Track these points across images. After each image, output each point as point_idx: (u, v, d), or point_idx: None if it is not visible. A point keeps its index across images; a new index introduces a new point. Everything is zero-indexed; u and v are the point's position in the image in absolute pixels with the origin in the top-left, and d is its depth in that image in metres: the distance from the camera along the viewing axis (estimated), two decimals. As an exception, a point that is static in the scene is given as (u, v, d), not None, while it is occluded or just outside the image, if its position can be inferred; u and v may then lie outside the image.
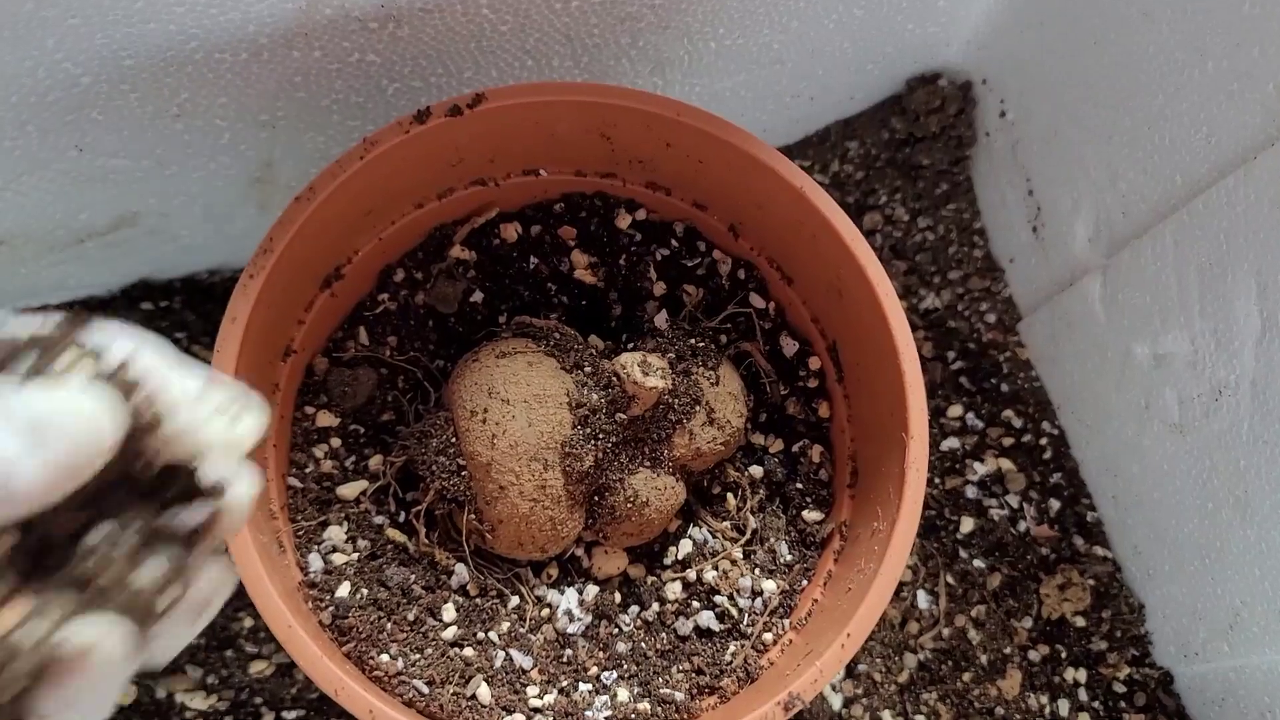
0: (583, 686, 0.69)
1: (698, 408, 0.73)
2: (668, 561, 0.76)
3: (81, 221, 0.85)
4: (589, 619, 0.73)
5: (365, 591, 0.68)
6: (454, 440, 0.69)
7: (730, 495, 0.78)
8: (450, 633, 0.69)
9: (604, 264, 0.80)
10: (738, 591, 0.72)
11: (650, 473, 0.72)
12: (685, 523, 0.78)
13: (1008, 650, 0.94)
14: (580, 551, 0.76)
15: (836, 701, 0.90)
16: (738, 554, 0.75)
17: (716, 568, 0.74)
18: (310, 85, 0.77)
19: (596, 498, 0.71)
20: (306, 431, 0.74)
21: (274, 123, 0.80)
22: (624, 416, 0.70)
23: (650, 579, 0.76)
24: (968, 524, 0.98)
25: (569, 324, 0.77)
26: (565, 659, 0.71)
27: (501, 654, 0.69)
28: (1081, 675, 0.94)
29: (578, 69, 0.86)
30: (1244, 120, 0.75)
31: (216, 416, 0.39)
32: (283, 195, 0.89)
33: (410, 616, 0.68)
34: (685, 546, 0.76)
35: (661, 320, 0.79)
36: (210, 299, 0.97)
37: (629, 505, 0.71)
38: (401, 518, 0.73)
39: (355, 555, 0.70)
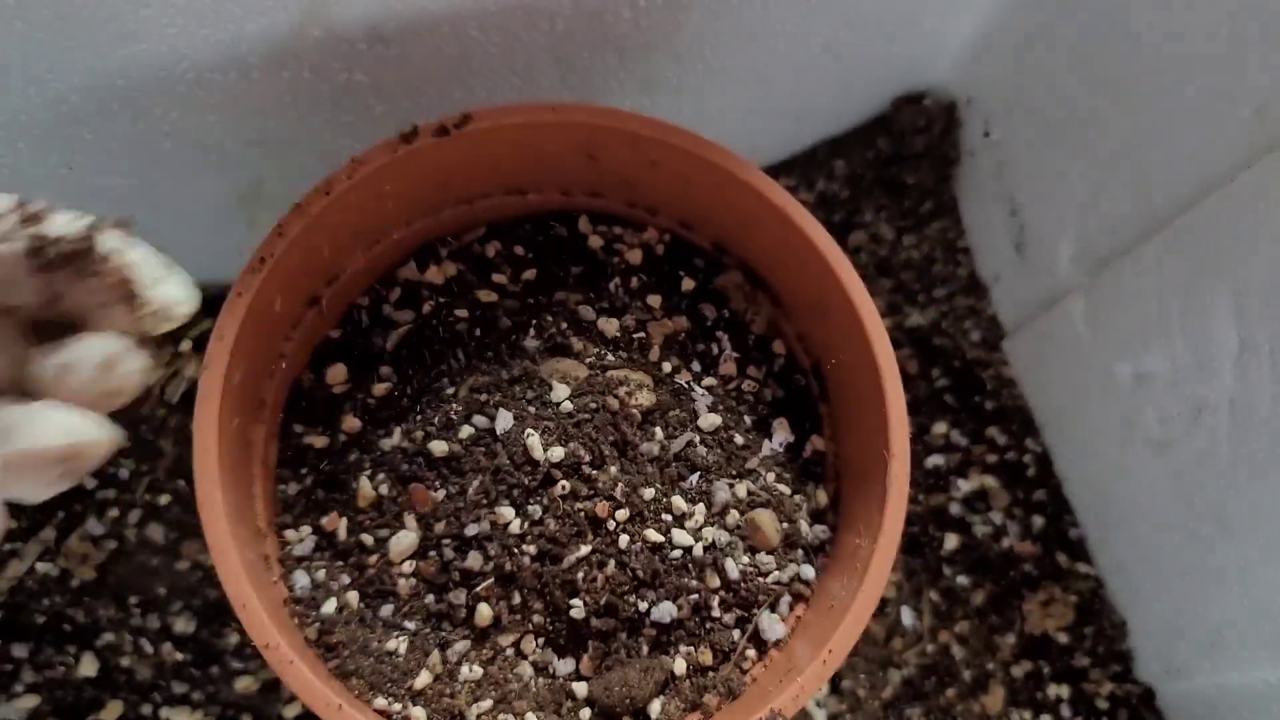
0: (568, 702, 0.69)
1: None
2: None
3: (70, 238, 0.85)
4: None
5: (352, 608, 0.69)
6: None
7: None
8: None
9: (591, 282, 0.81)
10: (721, 608, 0.73)
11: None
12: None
13: (991, 666, 0.95)
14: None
15: (821, 718, 0.91)
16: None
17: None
18: (299, 105, 0.78)
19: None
20: (294, 448, 0.74)
21: (263, 142, 0.81)
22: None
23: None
24: (951, 541, 0.98)
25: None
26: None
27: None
28: (1064, 691, 0.94)
29: (566, 89, 0.87)
30: (1224, 142, 0.76)
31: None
32: (270, 213, 0.88)
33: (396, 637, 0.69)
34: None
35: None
36: (198, 315, 0.97)
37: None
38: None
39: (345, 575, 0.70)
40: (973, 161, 1.07)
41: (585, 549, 0.69)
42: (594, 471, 0.70)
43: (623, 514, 0.69)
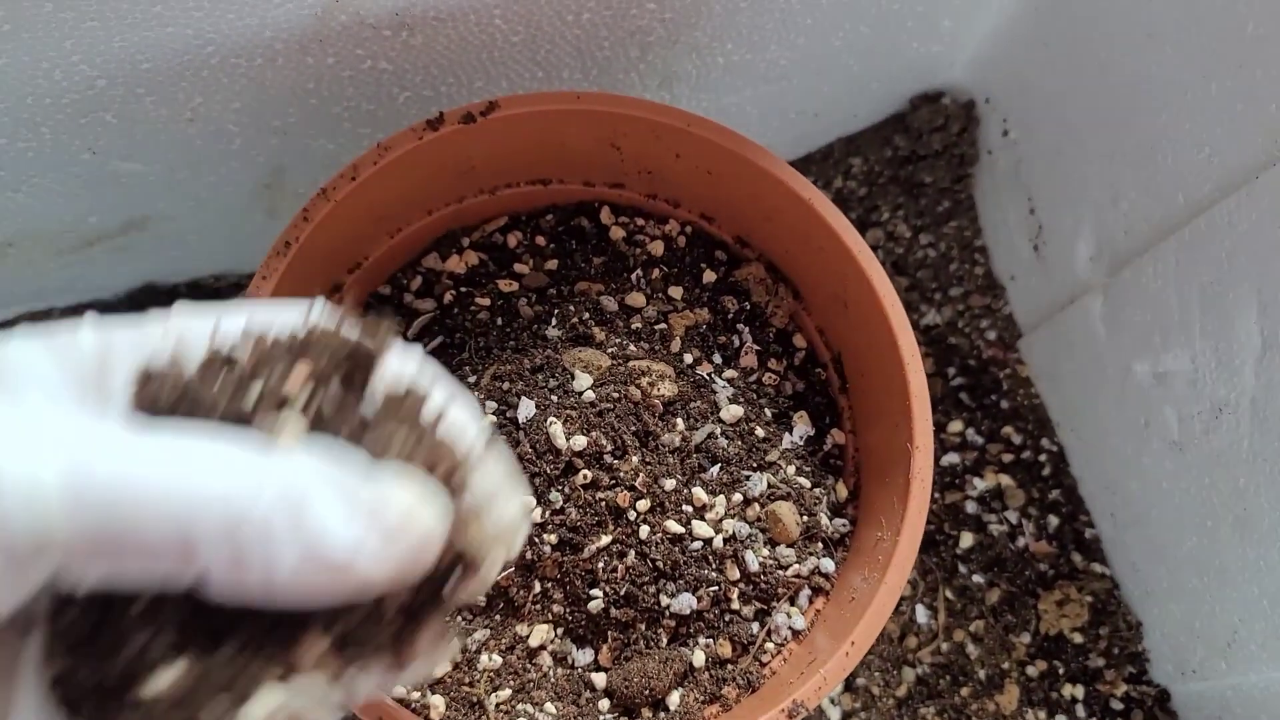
0: (587, 692, 0.69)
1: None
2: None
3: (91, 224, 0.85)
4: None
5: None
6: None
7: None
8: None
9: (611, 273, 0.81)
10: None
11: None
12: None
13: (1006, 665, 0.94)
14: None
15: (835, 715, 0.91)
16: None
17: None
18: (323, 92, 0.78)
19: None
20: (314, 435, 0.74)
21: (286, 129, 0.81)
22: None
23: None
24: (967, 539, 0.98)
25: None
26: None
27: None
28: (1079, 692, 0.94)
29: (587, 81, 0.87)
30: (1246, 140, 0.76)
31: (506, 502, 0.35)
32: (291, 201, 0.89)
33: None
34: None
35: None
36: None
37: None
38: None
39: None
40: (990, 160, 1.07)
41: (606, 539, 0.68)
42: (615, 461, 0.69)
43: (644, 504, 0.69)
